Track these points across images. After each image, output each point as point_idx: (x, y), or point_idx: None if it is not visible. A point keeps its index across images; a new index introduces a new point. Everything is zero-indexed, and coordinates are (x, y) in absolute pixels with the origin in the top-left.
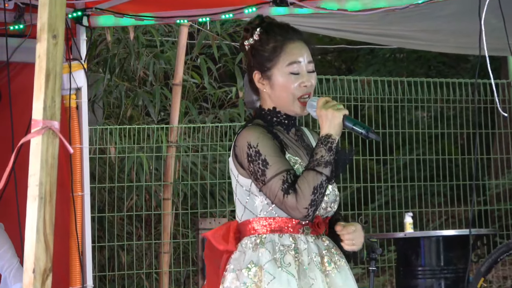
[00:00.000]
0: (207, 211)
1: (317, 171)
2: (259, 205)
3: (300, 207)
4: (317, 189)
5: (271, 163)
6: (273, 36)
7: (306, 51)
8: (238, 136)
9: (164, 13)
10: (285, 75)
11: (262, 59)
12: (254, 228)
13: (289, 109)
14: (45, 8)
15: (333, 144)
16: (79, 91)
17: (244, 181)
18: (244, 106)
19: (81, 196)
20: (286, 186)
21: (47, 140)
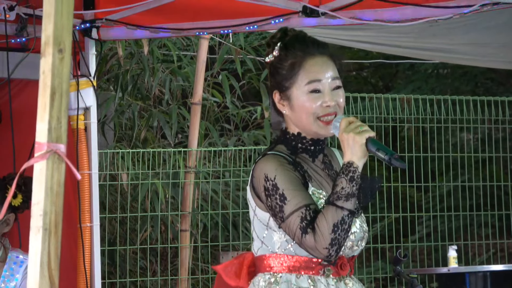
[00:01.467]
0: (229, 244)
1: (337, 206)
2: (277, 241)
3: (320, 247)
4: (337, 226)
5: (289, 198)
6: (292, 51)
7: (329, 66)
8: (256, 165)
9: (182, 24)
10: (304, 94)
11: (281, 78)
12: (270, 265)
13: (312, 131)
14: (50, 19)
15: (356, 173)
16: (88, 111)
17: (261, 214)
18: (270, 128)
19: (90, 228)
20: (305, 224)
21: (52, 165)
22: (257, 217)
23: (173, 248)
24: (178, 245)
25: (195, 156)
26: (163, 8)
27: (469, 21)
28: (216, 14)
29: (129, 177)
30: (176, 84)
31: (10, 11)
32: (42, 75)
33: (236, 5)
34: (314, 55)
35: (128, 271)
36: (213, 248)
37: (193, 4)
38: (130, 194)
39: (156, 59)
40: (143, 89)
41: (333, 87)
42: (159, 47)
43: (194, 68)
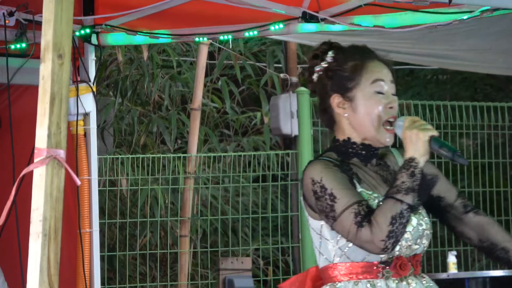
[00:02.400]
0: (229, 250)
1: (396, 199)
2: (332, 250)
3: (376, 239)
4: (395, 219)
5: (339, 196)
6: (351, 54)
7: (387, 70)
8: (303, 175)
9: (182, 30)
10: (369, 94)
11: (342, 80)
12: (331, 276)
13: (372, 136)
14: (50, 24)
15: (417, 169)
16: (88, 117)
17: (314, 224)
18: (270, 133)
19: (89, 233)
20: (360, 219)
21: (52, 171)
22: (311, 227)
23: (173, 253)
24: (178, 250)
25: (195, 161)
26: (163, 14)
27: (468, 27)
28: (215, 20)
29: (129, 182)
30: (176, 89)
31: (9, 17)
32: (42, 80)
33: (235, 11)
34: (373, 59)
35: (127, 277)
36: (213, 253)
37: (193, 9)
38: (130, 199)
39: (156, 65)
40: (143, 94)
41: (392, 92)
42: (159, 53)
43: (194, 74)
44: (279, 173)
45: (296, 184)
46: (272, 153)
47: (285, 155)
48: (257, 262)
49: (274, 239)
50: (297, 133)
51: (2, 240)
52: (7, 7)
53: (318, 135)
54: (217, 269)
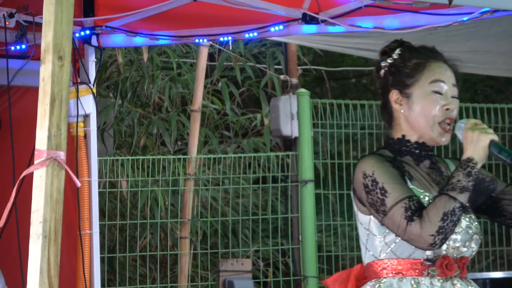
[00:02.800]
0: (229, 251)
1: (450, 196)
2: (378, 246)
3: (425, 234)
4: (447, 215)
5: (390, 190)
6: (417, 53)
7: (450, 73)
8: (355, 168)
9: (182, 32)
10: (427, 93)
11: (403, 76)
12: (376, 272)
13: (427, 134)
14: (50, 26)
15: (474, 169)
16: (88, 118)
17: (363, 219)
18: (270, 135)
19: (89, 235)
20: (410, 213)
21: (52, 172)
22: (359, 222)
23: (173, 255)
24: (178, 252)
25: (195, 163)
26: (163, 15)
27: (468, 29)
28: (216, 21)
29: (129, 184)
30: (176, 91)
31: (9, 18)
32: (42, 82)
33: (235, 12)
34: (437, 59)
35: (127, 278)
36: (213, 255)
37: (193, 11)
38: (130, 201)
39: (156, 66)
40: (143, 96)
41: (453, 94)
42: (159, 54)
43: (194, 75)
44: (279, 174)
45: (296, 186)
46: (272, 154)
47: (285, 156)
48: (257, 263)
49: (274, 241)
50: (297, 135)
51: (2, 242)
52: (7, 8)
53: (318, 137)
54: (217, 271)
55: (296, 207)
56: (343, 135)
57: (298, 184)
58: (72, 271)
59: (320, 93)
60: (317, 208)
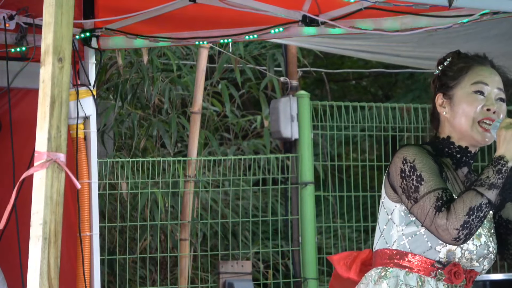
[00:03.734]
0: (229, 253)
1: (477, 191)
2: (394, 235)
3: (451, 227)
4: (473, 210)
5: (426, 179)
6: (465, 58)
7: (496, 77)
8: (396, 153)
9: (182, 34)
10: (468, 94)
11: (447, 79)
12: (384, 260)
13: (467, 134)
14: (50, 28)
15: (504, 167)
16: (88, 120)
17: (388, 204)
18: (270, 137)
19: (89, 237)
20: (440, 204)
21: (52, 174)
22: (383, 206)
23: (173, 257)
24: (178, 254)
25: (195, 165)
26: (163, 17)
27: (468, 30)
28: (215, 23)
29: (129, 186)
30: (176, 93)
31: (9, 20)
32: (42, 84)
33: (235, 14)
34: (486, 64)
35: (127, 280)
36: (213, 257)
37: (193, 13)
38: (130, 203)
39: (156, 68)
40: (143, 98)
41: (497, 97)
42: (159, 56)
43: (194, 77)
44: (279, 176)
45: (296, 188)
46: (272, 156)
47: (285, 158)
48: (257, 265)
49: (274, 243)
50: (297, 137)
51: (2, 244)
52: (7, 10)
53: (318, 139)
54: (217, 273)
55: (296, 209)
56: (343, 137)
57: (298, 186)
58: (72, 273)
59: (320, 95)
60: (317, 210)
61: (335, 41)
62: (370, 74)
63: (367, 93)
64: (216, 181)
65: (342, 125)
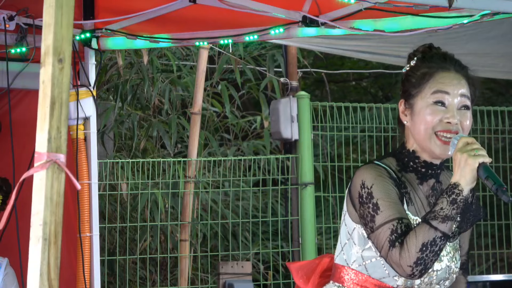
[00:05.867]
0: (229, 254)
1: (431, 225)
2: (353, 255)
3: (404, 264)
4: (427, 246)
5: (382, 208)
6: (427, 63)
7: (462, 84)
8: (357, 171)
9: (182, 34)
10: (428, 104)
11: (409, 86)
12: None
13: (426, 146)
14: (50, 29)
15: (459, 197)
16: (88, 121)
17: (348, 222)
18: (270, 138)
19: (89, 237)
20: (394, 238)
21: (52, 175)
22: (344, 223)
23: (173, 258)
24: (178, 255)
25: (195, 166)
26: (163, 18)
27: (468, 31)
28: (215, 24)
29: (129, 187)
30: (176, 94)
31: (10, 21)
32: (42, 85)
33: (236, 15)
34: (449, 70)
35: (127, 281)
36: (213, 258)
37: (193, 14)
38: (130, 204)
39: (156, 69)
40: (143, 99)
41: (460, 106)
42: (159, 57)
43: (194, 78)
44: (279, 177)
45: (296, 189)
46: (272, 157)
47: (285, 159)
48: (257, 266)
49: (274, 243)
50: (297, 137)
51: (3, 244)
52: (7, 11)
53: (318, 139)
54: (217, 273)
55: (296, 210)
56: (343, 137)
57: (298, 187)
58: (72, 273)
59: (320, 95)
60: (317, 211)
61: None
62: (370, 75)
63: (367, 94)
64: (216, 182)
65: (342, 125)
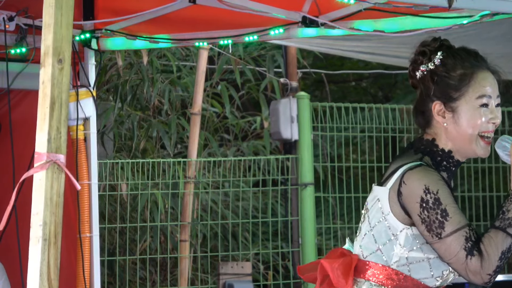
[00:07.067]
0: (229, 254)
1: (508, 233)
2: (396, 255)
3: (484, 273)
4: (504, 253)
5: (451, 214)
6: (461, 61)
7: (495, 83)
8: (410, 173)
9: (182, 35)
10: (474, 108)
11: (448, 88)
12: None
13: (468, 148)
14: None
15: None
16: (87, 121)
17: (394, 223)
18: (270, 138)
19: (89, 238)
20: (470, 245)
21: (52, 175)
22: (386, 223)
23: (173, 258)
24: (178, 255)
25: (195, 166)
26: (163, 19)
27: (468, 31)
28: (215, 25)
29: (129, 187)
30: (176, 94)
31: (9, 22)
32: (42, 85)
33: (235, 15)
34: (483, 68)
35: (127, 282)
36: (213, 258)
37: (193, 14)
38: (130, 204)
39: (156, 70)
40: (143, 99)
41: (496, 104)
42: (159, 58)
43: (194, 79)
44: (279, 177)
45: (296, 189)
46: (272, 157)
47: (285, 159)
48: (257, 266)
49: (274, 244)
50: (297, 138)
51: (3, 245)
52: (7, 11)
53: (318, 140)
54: (217, 274)
55: (296, 210)
56: (343, 138)
57: (298, 187)
58: (72, 274)
59: (320, 96)
60: (317, 211)
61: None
62: (370, 75)
63: (367, 94)
64: (216, 182)
65: (342, 126)
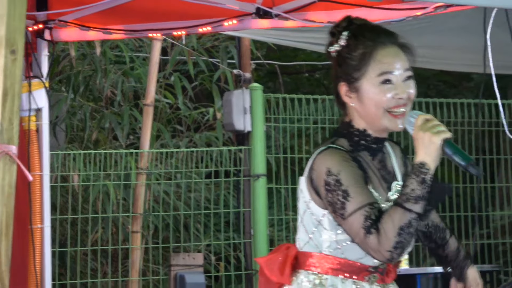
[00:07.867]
0: (181, 246)
1: (405, 208)
2: (326, 240)
3: (383, 249)
4: (403, 229)
5: (352, 194)
6: (362, 40)
7: (401, 56)
8: (317, 158)
9: (135, 26)
10: (375, 86)
11: (349, 69)
12: (315, 265)
13: (380, 124)
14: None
15: (428, 175)
16: (40, 112)
17: (316, 210)
18: (223, 129)
19: (41, 229)
20: (369, 224)
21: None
22: (309, 211)
23: (124, 249)
24: (129, 246)
25: (147, 157)
26: (116, 10)
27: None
28: (169, 16)
29: (80, 178)
30: (128, 85)
31: None
32: None
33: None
34: (385, 44)
35: (79, 273)
36: (164, 249)
37: (147, 5)
38: (81, 195)
39: (109, 60)
40: (95, 90)
41: (404, 78)
42: (112, 48)
43: (147, 70)
44: (231, 169)
45: (248, 180)
46: (225, 149)
47: (238, 151)
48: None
49: (226, 235)
50: (250, 129)
51: None
52: None
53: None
54: (169, 265)
55: (248, 201)
56: (295, 129)
57: (250, 178)
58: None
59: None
60: (269, 202)
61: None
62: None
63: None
64: (168, 174)
65: (295, 117)
